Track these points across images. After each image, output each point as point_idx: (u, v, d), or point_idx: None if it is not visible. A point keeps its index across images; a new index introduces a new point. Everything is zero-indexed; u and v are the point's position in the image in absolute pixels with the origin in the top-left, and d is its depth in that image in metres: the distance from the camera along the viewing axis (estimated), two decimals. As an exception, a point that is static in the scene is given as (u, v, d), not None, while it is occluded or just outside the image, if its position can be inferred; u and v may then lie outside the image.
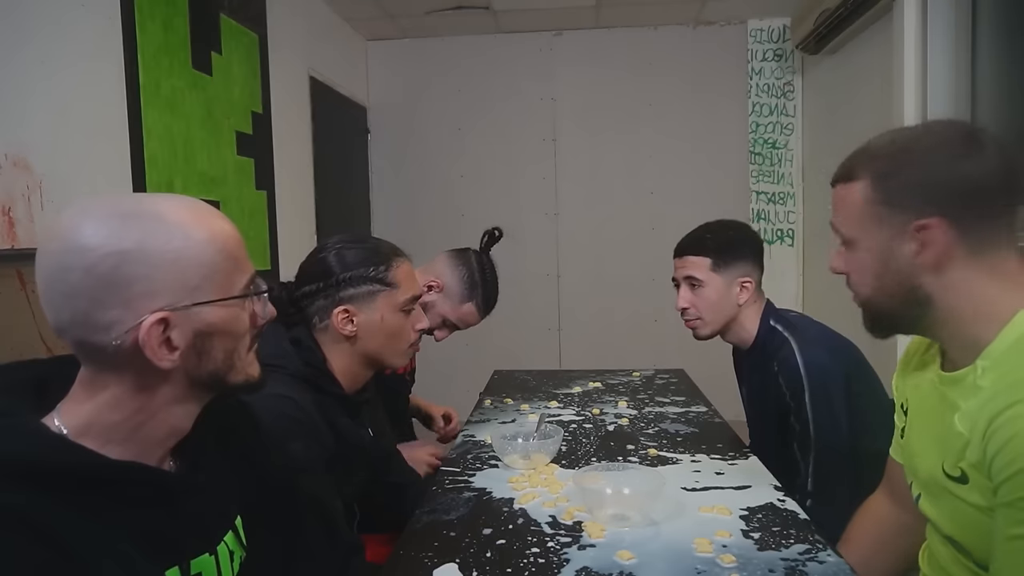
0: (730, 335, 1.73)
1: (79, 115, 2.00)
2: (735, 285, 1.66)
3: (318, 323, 1.29)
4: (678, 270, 1.72)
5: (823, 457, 1.47)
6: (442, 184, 4.41)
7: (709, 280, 1.66)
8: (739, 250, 1.68)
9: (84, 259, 0.66)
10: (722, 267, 1.65)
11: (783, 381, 1.54)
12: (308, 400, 1.20)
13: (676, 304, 1.71)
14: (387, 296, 1.29)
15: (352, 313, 1.27)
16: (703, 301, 1.67)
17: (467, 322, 1.86)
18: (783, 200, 4.28)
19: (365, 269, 1.28)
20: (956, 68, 2.62)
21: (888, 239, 0.93)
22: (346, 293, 1.27)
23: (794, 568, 1.03)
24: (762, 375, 1.62)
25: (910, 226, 0.90)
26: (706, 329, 1.70)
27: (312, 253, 1.34)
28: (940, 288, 0.91)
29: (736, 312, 1.67)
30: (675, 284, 1.74)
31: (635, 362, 2.75)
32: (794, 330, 1.61)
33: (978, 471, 0.87)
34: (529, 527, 1.20)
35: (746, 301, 1.67)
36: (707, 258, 1.66)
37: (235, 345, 0.76)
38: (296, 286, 1.31)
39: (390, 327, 1.31)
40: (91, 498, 0.66)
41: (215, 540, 0.79)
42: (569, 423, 1.82)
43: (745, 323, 1.68)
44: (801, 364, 1.51)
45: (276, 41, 3.18)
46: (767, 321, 1.67)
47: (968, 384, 0.90)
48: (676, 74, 4.33)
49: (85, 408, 0.70)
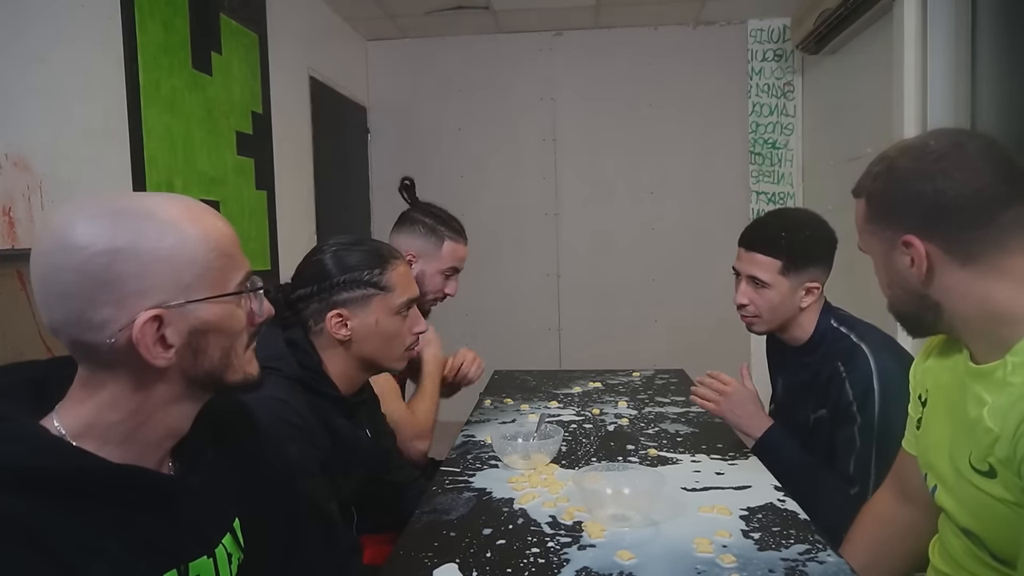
0: (784, 334, 1.64)
1: (79, 115, 2.00)
2: (801, 289, 1.56)
3: (313, 326, 1.29)
4: (743, 263, 1.60)
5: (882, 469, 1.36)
6: (442, 184, 4.40)
7: (776, 283, 1.55)
8: (813, 253, 1.56)
9: (76, 258, 0.66)
10: (792, 272, 1.54)
11: (851, 388, 1.46)
12: (303, 402, 1.20)
13: (734, 298, 1.62)
14: (382, 300, 1.29)
15: (346, 317, 1.27)
16: (764, 302, 1.57)
17: (459, 257, 1.89)
18: (783, 200, 4.28)
19: (360, 273, 1.27)
20: (956, 68, 2.62)
21: (886, 253, 0.98)
22: (340, 297, 1.27)
23: (794, 568, 1.03)
24: (816, 375, 1.56)
25: (898, 241, 0.95)
26: (762, 327, 1.63)
27: (308, 255, 1.33)
28: (944, 295, 0.94)
29: (796, 314, 1.59)
30: (735, 272, 1.64)
31: (635, 362, 2.75)
32: (862, 334, 1.53)
33: (1007, 467, 0.87)
34: (529, 527, 1.20)
35: (809, 305, 1.57)
36: (778, 261, 1.54)
37: (231, 343, 0.76)
38: (292, 288, 1.30)
39: (385, 331, 1.30)
40: (89, 502, 0.66)
41: (213, 543, 0.78)
42: (569, 423, 1.82)
43: (803, 323, 1.60)
44: (875, 372, 1.44)
45: (276, 41, 3.18)
46: (828, 320, 1.59)
47: (997, 379, 0.91)
48: (676, 74, 4.33)
49: (83, 409, 0.70)
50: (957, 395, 1.00)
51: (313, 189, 3.65)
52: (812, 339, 1.60)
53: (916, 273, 0.94)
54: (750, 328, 1.66)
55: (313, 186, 3.65)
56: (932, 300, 0.95)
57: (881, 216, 0.97)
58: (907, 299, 0.99)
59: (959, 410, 0.98)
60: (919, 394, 1.12)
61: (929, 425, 1.07)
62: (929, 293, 0.95)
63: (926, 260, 0.92)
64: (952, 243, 0.91)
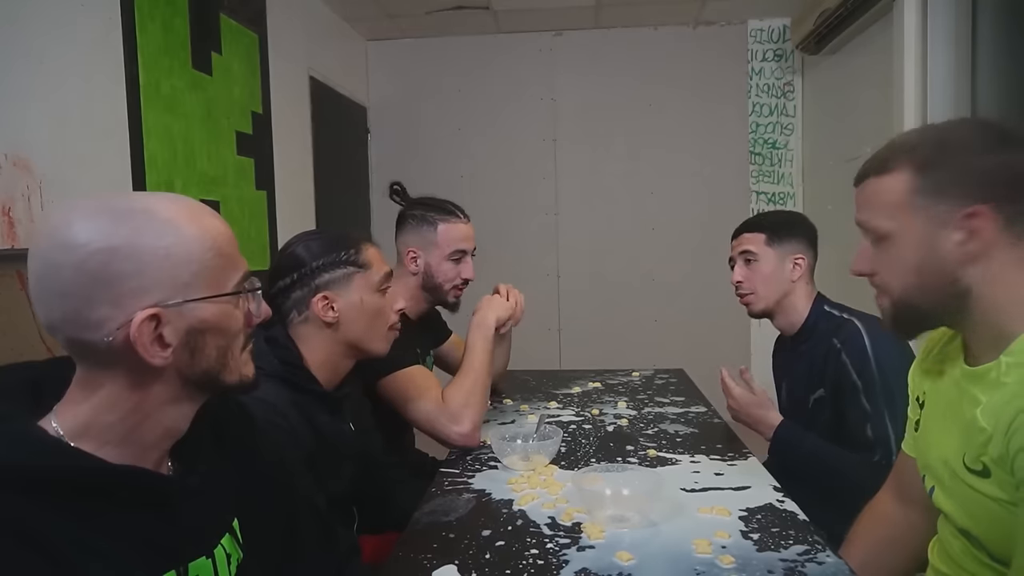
0: (780, 317, 1.76)
1: (79, 115, 2.00)
2: (788, 261, 1.72)
3: (296, 316, 1.30)
4: (734, 249, 1.80)
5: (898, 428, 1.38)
6: (442, 184, 4.40)
7: (763, 254, 1.73)
8: (793, 229, 1.75)
9: (74, 256, 0.66)
10: (776, 242, 1.73)
11: (847, 358, 1.54)
12: (285, 399, 1.20)
13: (731, 279, 1.79)
14: (363, 277, 1.33)
15: (332, 299, 1.30)
16: (757, 275, 1.74)
17: (459, 237, 1.85)
18: (783, 200, 4.27)
19: (337, 254, 1.31)
20: (956, 68, 2.62)
21: (932, 229, 0.92)
22: (322, 280, 1.30)
23: (793, 569, 1.03)
24: (812, 360, 1.64)
25: (957, 215, 0.90)
26: (759, 304, 1.75)
27: (279, 252, 1.37)
28: (980, 279, 0.91)
29: (789, 289, 1.72)
30: (731, 265, 1.81)
31: (635, 362, 2.75)
32: (852, 313, 1.64)
33: (1000, 466, 0.87)
34: (528, 528, 1.20)
35: (799, 279, 1.72)
36: (762, 233, 1.75)
37: (228, 343, 0.76)
38: (270, 284, 1.31)
39: (370, 308, 1.33)
40: (87, 502, 0.66)
41: (212, 543, 0.78)
42: (569, 424, 1.82)
43: (797, 304, 1.73)
44: (867, 338, 1.52)
45: (276, 41, 3.18)
46: (820, 306, 1.71)
47: (991, 379, 0.91)
48: (676, 74, 4.33)
49: (81, 409, 0.70)
50: (954, 397, 1.00)
51: (313, 189, 3.65)
52: (806, 325, 1.72)
53: (964, 252, 0.90)
54: (749, 309, 1.78)
55: (313, 186, 3.65)
56: (962, 286, 0.92)
57: (942, 187, 0.91)
58: (931, 286, 0.94)
59: (956, 412, 0.98)
60: (917, 396, 1.12)
61: (927, 427, 1.07)
62: (962, 277, 0.92)
63: (989, 233, 0.89)
64: (1015, 220, 0.89)
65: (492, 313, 1.75)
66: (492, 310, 1.76)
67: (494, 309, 1.76)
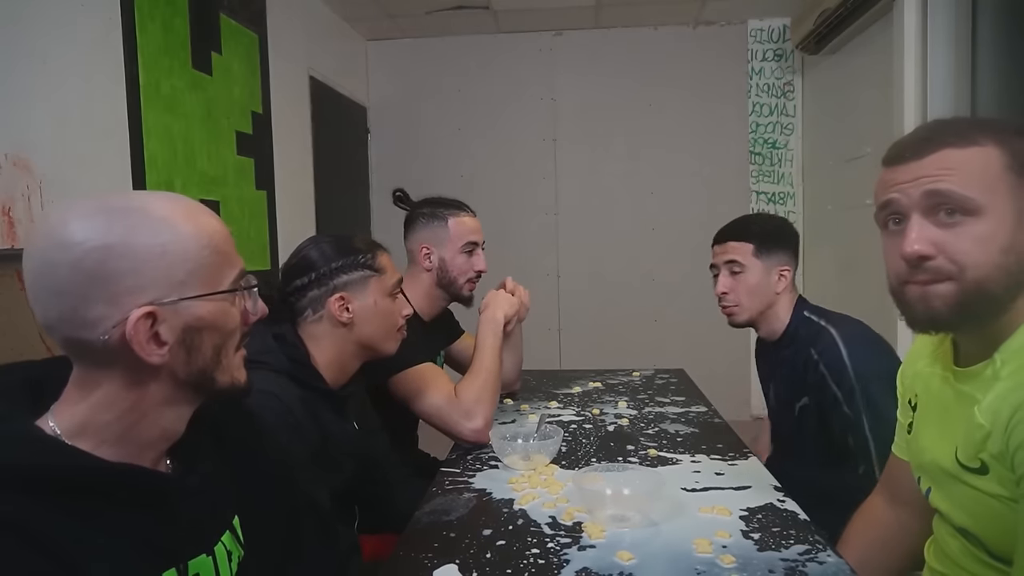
0: (763, 326, 1.74)
1: (79, 115, 2.01)
2: (774, 273, 1.68)
3: (311, 315, 1.33)
4: (718, 256, 1.75)
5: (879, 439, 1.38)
6: (442, 184, 4.36)
7: (751, 265, 1.68)
8: (781, 239, 1.71)
9: (70, 254, 0.66)
10: (764, 254, 1.68)
11: (825, 369, 1.53)
12: (293, 395, 1.21)
13: (715, 289, 1.74)
14: (378, 281, 1.37)
15: (348, 300, 1.33)
16: (743, 286, 1.70)
17: (470, 229, 1.88)
18: (783, 200, 4.28)
19: (355, 257, 1.35)
20: (956, 68, 2.62)
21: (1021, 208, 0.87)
22: (340, 280, 1.33)
23: (794, 569, 1.03)
24: (794, 366, 1.63)
25: None
26: (743, 316, 1.72)
27: (293, 253, 1.39)
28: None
29: (773, 300, 1.70)
30: (713, 272, 1.77)
31: (635, 362, 2.74)
32: (830, 319, 1.62)
33: (999, 462, 0.87)
34: (529, 528, 1.20)
35: (783, 290, 1.69)
36: (750, 244, 1.69)
37: (224, 341, 0.75)
38: (284, 283, 1.34)
39: (383, 311, 1.37)
40: (86, 501, 0.66)
41: (212, 541, 0.78)
42: (569, 423, 1.81)
43: (779, 313, 1.71)
44: (842, 346, 1.51)
45: (276, 41, 3.18)
46: (800, 312, 1.69)
47: (986, 377, 0.91)
48: (676, 74, 4.33)
49: (79, 409, 0.70)
50: (948, 398, 0.99)
51: (313, 189, 3.65)
52: (787, 331, 1.70)
53: None
54: (732, 320, 1.76)
55: (313, 186, 3.65)
56: None
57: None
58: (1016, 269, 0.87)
59: (948, 412, 0.98)
60: (908, 399, 1.12)
61: (920, 429, 1.06)
62: None
63: None
64: None
65: (500, 310, 1.78)
66: (500, 307, 1.78)
67: (501, 306, 1.79)
